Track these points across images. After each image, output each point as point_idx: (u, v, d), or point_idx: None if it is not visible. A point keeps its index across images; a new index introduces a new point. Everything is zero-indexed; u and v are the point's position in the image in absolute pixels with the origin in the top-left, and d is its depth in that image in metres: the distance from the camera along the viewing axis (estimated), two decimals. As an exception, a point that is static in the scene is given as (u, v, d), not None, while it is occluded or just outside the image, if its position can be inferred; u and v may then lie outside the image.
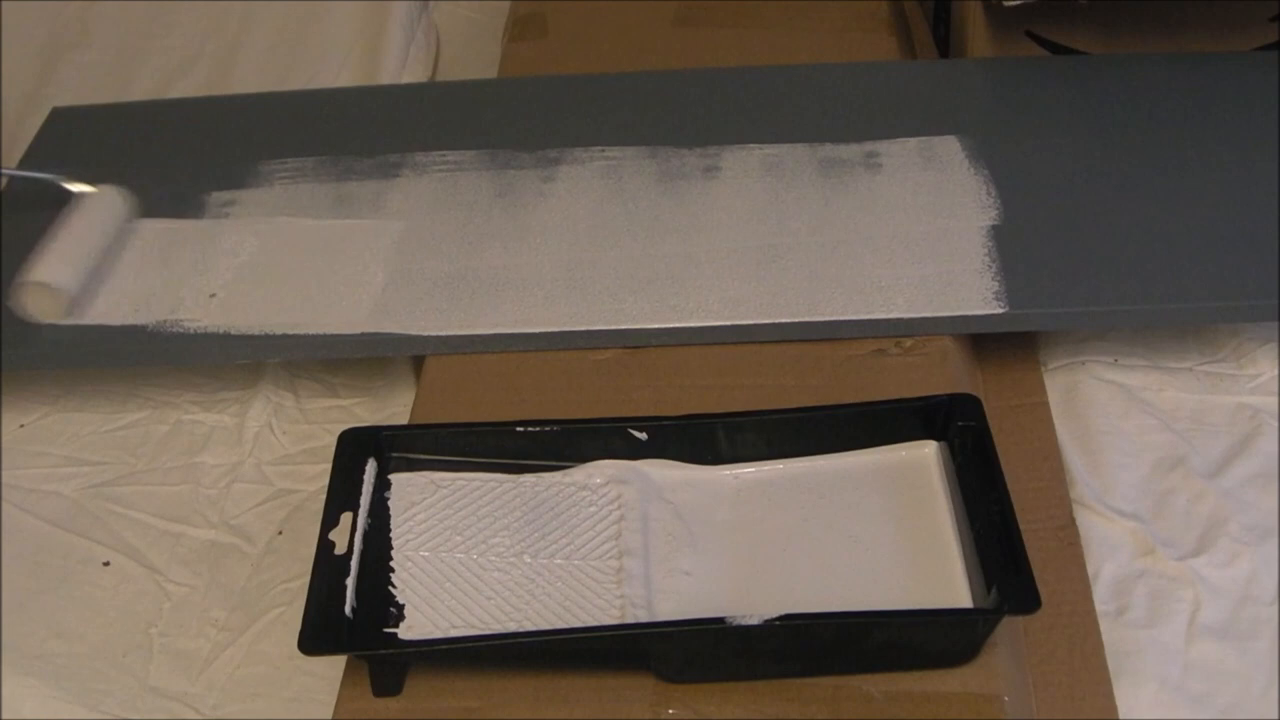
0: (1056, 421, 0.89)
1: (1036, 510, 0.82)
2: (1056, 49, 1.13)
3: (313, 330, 0.91)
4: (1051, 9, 1.09)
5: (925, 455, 0.78)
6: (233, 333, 0.91)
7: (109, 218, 0.99)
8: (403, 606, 0.72)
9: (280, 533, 0.87)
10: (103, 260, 0.97)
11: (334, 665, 0.72)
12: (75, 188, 1.01)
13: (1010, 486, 0.72)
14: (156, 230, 1.01)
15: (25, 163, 1.10)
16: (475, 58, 1.31)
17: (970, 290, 0.90)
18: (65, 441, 0.93)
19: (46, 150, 1.12)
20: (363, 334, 0.91)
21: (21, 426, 0.94)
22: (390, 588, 0.73)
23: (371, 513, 0.75)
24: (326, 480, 0.75)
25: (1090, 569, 0.80)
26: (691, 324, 0.90)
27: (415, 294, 0.93)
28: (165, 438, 0.93)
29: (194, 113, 1.16)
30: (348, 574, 0.70)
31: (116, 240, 0.99)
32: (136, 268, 0.98)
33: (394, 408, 0.94)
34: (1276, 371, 0.91)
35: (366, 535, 0.74)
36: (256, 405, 0.95)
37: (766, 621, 0.66)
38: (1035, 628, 0.76)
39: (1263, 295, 0.89)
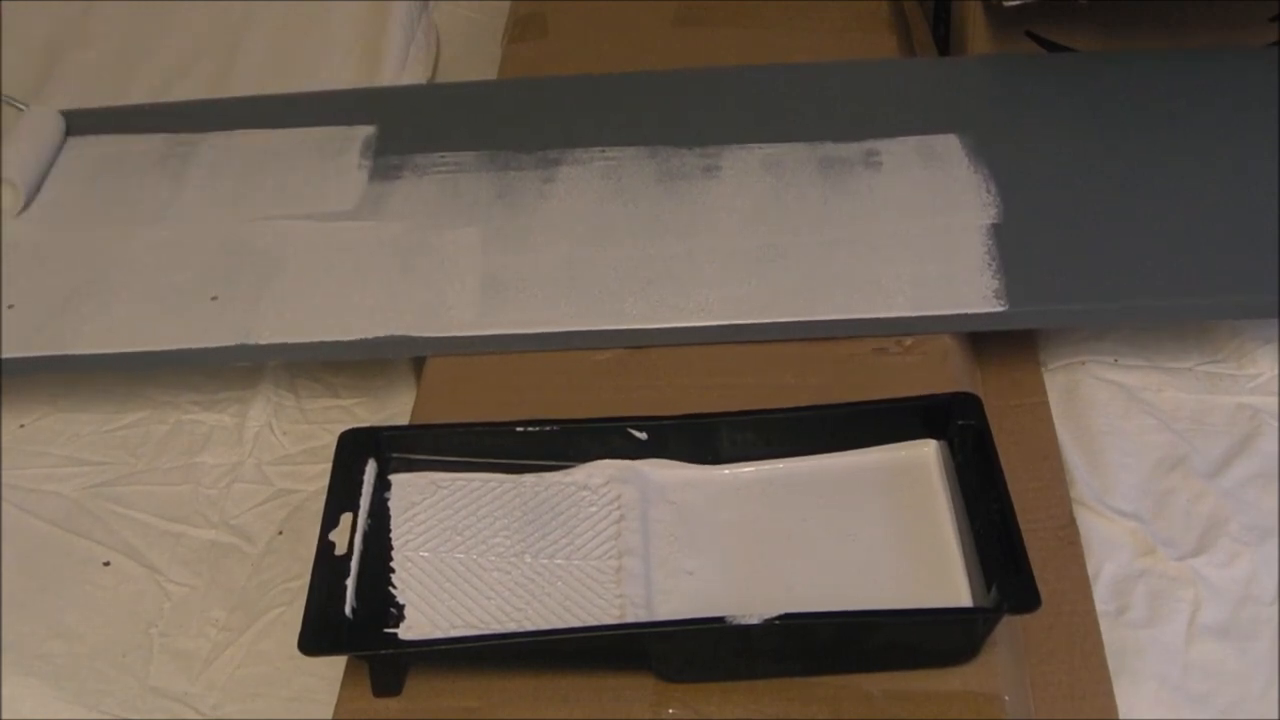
0: (1056, 421, 0.89)
1: (1036, 510, 0.82)
2: (1056, 49, 1.13)
3: (314, 332, 0.91)
4: (1051, 9, 1.09)
5: (925, 454, 0.78)
6: (235, 338, 0.91)
7: (48, 131, 1.11)
8: (403, 606, 0.72)
9: (280, 533, 0.87)
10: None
11: (334, 665, 0.72)
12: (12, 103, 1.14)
13: (1010, 486, 0.72)
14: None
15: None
16: (475, 58, 1.31)
17: (970, 288, 0.90)
18: (65, 441, 0.93)
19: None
20: (364, 336, 0.91)
21: (21, 426, 0.94)
22: (390, 588, 0.73)
23: (371, 513, 0.75)
24: (326, 480, 0.75)
25: (1090, 569, 0.80)
26: (691, 324, 0.89)
27: (416, 296, 0.93)
28: (165, 438, 0.93)
29: (194, 117, 1.15)
30: (348, 574, 0.70)
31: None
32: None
33: (394, 408, 0.94)
34: (1276, 371, 0.91)
35: (366, 536, 0.74)
36: (257, 405, 0.95)
37: (766, 621, 0.66)
38: (1035, 627, 0.76)
39: (1263, 291, 0.89)
